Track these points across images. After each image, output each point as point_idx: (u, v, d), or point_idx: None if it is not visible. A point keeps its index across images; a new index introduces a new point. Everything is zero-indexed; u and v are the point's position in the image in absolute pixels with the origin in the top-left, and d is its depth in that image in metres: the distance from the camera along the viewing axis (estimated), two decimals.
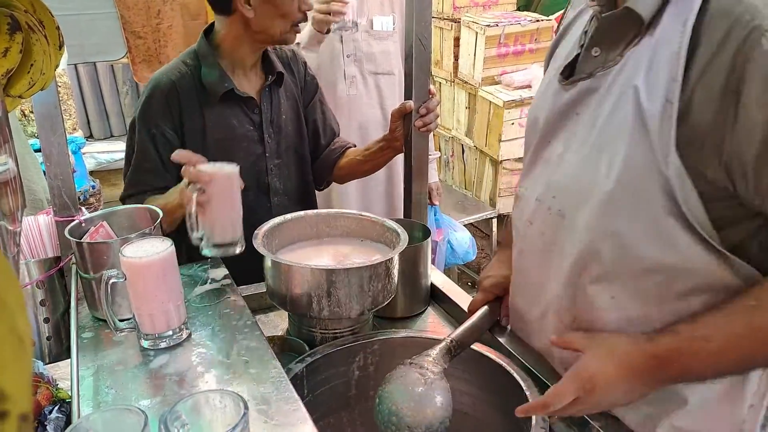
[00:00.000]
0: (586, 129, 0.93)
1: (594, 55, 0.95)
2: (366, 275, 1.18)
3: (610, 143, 0.88)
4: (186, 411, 0.76)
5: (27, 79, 0.90)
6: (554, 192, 0.99)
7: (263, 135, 1.64)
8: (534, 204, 1.03)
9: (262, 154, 1.64)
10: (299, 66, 1.76)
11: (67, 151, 1.38)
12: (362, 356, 1.19)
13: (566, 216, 0.97)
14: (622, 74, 0.89)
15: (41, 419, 1.10)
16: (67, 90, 4.87)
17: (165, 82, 1.56)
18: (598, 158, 0.90)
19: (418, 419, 0.95)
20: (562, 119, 0.99)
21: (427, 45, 1.50)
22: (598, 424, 1.00)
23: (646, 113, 0.83)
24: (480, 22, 3.44)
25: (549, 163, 1.01)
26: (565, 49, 1.05)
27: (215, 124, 1.57)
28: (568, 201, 0.96)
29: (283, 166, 1.69)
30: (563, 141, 0.99)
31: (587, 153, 0.92)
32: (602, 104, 0.91)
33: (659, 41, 0.84)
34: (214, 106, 1.57)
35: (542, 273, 1.04)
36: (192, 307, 1.18)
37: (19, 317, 0.26)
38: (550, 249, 1.01)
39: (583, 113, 0.95)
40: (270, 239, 1.31)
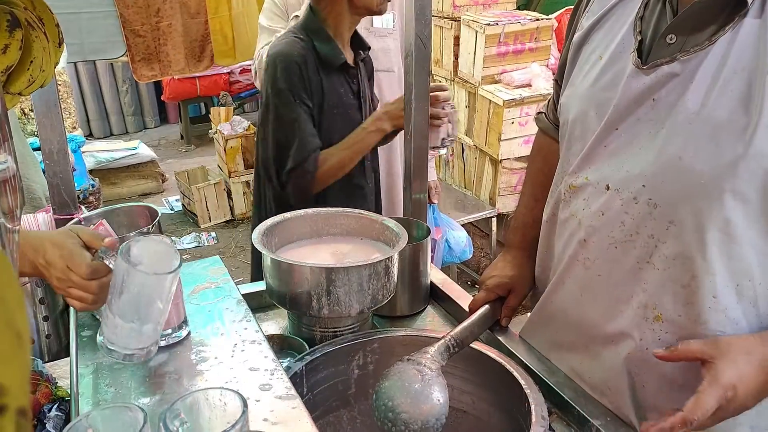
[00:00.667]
0: (679, 117, 0.89)
1: (669, 42, 0.91)
2: (365, 274, 1.18)
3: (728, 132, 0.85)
4: (185, 409, 0.75)
5: (26, 76, 0.90)
6: (642, 181, 0.94)
7: (361, 103, 1.81)
8: (607, 194, 0.99)
9: (360, 121, 1.78)
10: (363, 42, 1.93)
11: (66, 149, 1.38)
12: (362, 355, 1.19)
13: (660, 206, 0.92)
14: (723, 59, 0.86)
15: (40, 417, 1.10)
16: (66, 88, 4.87)
17: (296, 55, 1.67)
18: (713, 148, 0.86)
19: (414, 415, 0.94)
20: (635, 105, 0.95)
21: (426, 43, 1.49)
22: (597, 422, 1.00)
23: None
24: (480, 21, 3.44)
25: (620, 151, 0.97)
26: (610, 38, 1.01)
27: (329, 94, 1.71)
28: (665, 191, 0.92)
29: None
30: (636, 128, 0.95)
31: (695, 143, 0.88)
32: (704, 92, 0.87)
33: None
34: (327, 76, 1.70)
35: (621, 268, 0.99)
36: (191, 306, 1.18)
37: (17, 313, 0.25)
38: (633, 240, 0.96)
39: (665, 100, 0.91)
40: (269, 237, 1.31)
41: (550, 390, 1.08)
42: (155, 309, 0.92)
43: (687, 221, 0.90)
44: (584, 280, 1.05)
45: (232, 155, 4.89)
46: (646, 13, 0.97)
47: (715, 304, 0.91)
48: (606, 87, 0.99)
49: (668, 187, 0.91)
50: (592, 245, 1.03)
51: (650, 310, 0.96)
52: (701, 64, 0.87)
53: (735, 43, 0.85)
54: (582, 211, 1.04)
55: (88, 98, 6.88)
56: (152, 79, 4.12)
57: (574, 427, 1.05)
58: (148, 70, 3.93)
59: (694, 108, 0.88)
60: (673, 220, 0.91)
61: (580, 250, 1.05)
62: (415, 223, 1.51)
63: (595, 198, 1.01)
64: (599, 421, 1.00)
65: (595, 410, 1.03)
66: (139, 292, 0.90)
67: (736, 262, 0.89)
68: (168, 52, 3.90)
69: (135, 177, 5.50)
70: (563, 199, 1.09)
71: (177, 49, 3.91)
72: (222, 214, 4.98)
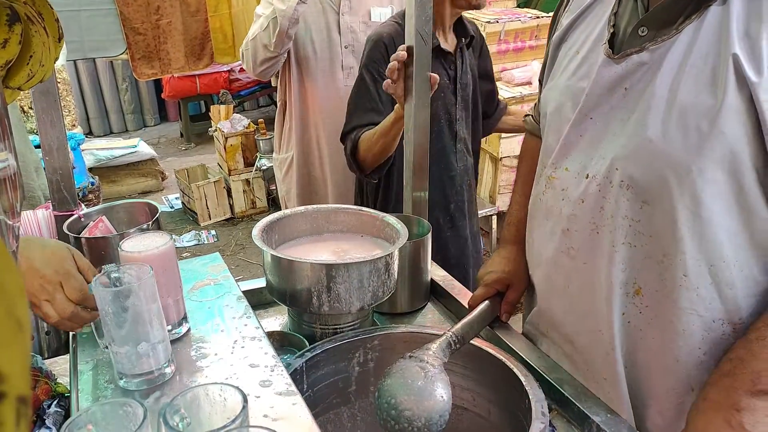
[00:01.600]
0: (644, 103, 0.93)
1: (641, 34, 0.95)
2: (366, 270, 1.18)
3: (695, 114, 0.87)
4: (185, 404, 0.75)
5: (26, 70, 0.89)
6: (616, 164, 0.97)
7: (456, 87, 1.90)
8: (586, 182, 1.02)
9: (454, 104, 1.90)
10: (478, 36, 2.03)
11: (66, 146, 1.38)
12: (362, 352, 1.19)
13: (632, 187, 0.96)
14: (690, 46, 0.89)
15: (40, 413, 1.10)
16: (66, 86, 4.86)
17: (386, 35, 1.84)
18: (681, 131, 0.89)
19: (418, 412, 0.94)
20: (608, 94, 0.98)
21: (427, 40, 1.49)
22: (598, 419, 1.00)
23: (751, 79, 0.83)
24: (480, 19, 3.43)
25: (595, 139, 1.00)
26: (587, 34, 1.05)
27: None
28: (637, 173, 0.95)
29: (466, 118, 1.97)
30: (609, 115, 0.98)
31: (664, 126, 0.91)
32: (672, 78, 0.90)
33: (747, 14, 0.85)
34: None
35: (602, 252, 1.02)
36: (191, 302, 1.18)
37: (18, 302, 0.25)
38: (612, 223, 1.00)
39: (636, 88, 0.95)
40: (270, 234, 1.31)
41: (550, 386, 1.08)
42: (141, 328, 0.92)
43: (658, 201, 0.93)
44: (570, 270, 1.08)
45: (232, 153, 4.88)
46: (620, 9, 1.01)
47: (686, 283, 0.93)
48: (581, 78, 1.03)
49: (640, 168, 0.94)
50: (575, 234, 1.05)
51: (630, 285, 1.00)
52: (668, 52, 0.91)
53: (701, 30, 0.89)
54: (562, 201, 1.07)
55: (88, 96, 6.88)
56: (152, 77, 4.12)
57: (574, 424, 1.05)
58: (148, 68, 3.92)
59: (662, 93, 0.91)
60: (646, 199, 0.95)
61: (564, 239, 1.07)
62: (415, 219, 1.51)
63: (575, 187, 1.04)
64: (600, 418, 1.00)
65: (595, 407, 1.03)
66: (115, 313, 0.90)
67: (707, 243, 0.91)
68: (168, 50, 3.89)
69: (135, 175, 5.50)
70: (544, 191, 1.12)
71: (177, 47, 3.91)
72: (222, 212, 4.98)
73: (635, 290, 0.99)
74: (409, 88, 1.54)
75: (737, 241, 0.90)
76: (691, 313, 0.94)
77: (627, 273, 0.99)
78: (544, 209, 1.12)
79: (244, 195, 5.01)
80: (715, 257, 0.91)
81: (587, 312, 1.06)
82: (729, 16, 0.86)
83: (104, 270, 0.94)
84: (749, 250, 0.90)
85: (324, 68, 2.35)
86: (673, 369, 0.99)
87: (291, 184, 2.58)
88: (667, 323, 0.97)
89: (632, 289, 0.99)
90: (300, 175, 2.52)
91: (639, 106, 0.94)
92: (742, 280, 0.92)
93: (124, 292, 0.90)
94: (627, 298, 1.00)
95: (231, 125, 4.93)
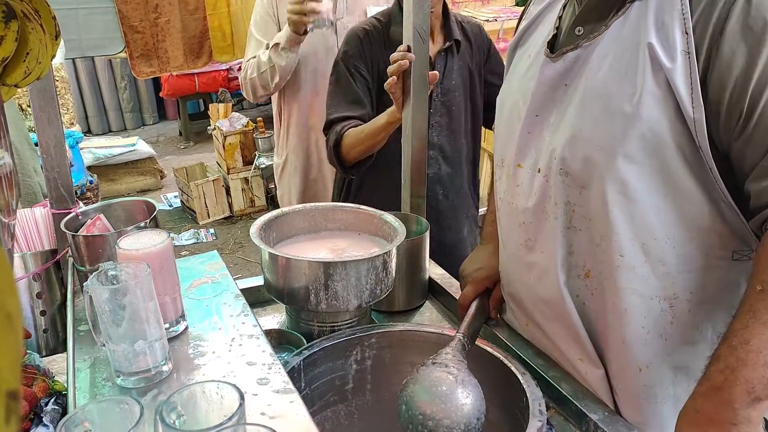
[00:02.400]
0: (579, 96, 0.98)
1: (577, 34, 1.01)
2: (364, 268, 1.18)
3: (616, 101, 0.93)
4: (182, 402, 0.75)
5: (23, 68, 0.89)
6: (557, 155, 1.01)
7: (432, 92, 1.77)
8: (538, 175, 1.06)
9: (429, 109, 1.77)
10: (483, 42, 1.95)
11: (63, 143, 1.37)
12: (360, 350, 1.19)
13: (570, 174, 1.00)
14: (614, 40, 0.95)
15: (37, 411, 1.09)
16: (65, 84, 4.86)
17: (359, 30, 1.82)
18: (604, 118, 0.94)
19: (456, 419, 0.93)
20: (551, 92, 1.03)
21: (425, 38, 1.49)
22: (595, 417, 1.00)
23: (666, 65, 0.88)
24: (479, 17, 3.43)
25: (543, 135, 1.05)
26: (538, 37, 1.11)
27: None
28: (573, 161, 0.99)
29: (444, 125, 1.87)
30: (554, 112, 1.03)
31: (591, 116, 0.96)
32: (597, 69, 0.96)
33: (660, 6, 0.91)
34: None
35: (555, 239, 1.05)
36: (189, 300, 1.18)
37: (7, 296, 0.25)
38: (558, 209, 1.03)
39: (573, 83, 1.00)
40: (267, 232, 1.30)
41: (548, 384, 1.08)
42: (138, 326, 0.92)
43: (592, 185, 0.97)
44: (531, 262, 1.10)
45: (231, 152, 4.88)
46: (564, 12, 1.07)
47: (623, 262, 0.97)
48: (530, 78, 1.08)
49: (576, 157, 0.99)
50: (530, 226, 1.09)
51: (581, 268, 1.04)
52: (597, 47, 0.97)
53: (625, 24, 0.94)
54: (518, 196, 1.11)
55: (87, 95, 6.87)
56: (151, 76, 4.11)
57: (571, 422, 1.05)
58: (147, 67, 3.92)
59: (590, 84, 0.97)
60: (583, 185, 0.99)
61: (522, 233, 1.11)
62: (414, 218, 1.51)
63: (528, 182, 1.08)
64: (597, 416, 1.00)
65: (592, 405, 1.03)
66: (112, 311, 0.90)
67: (637, 222, 0.95)
68: (166, 49, 3.89)
69: (133, 173, 5.49)
70: (505, 189, 1.15)
71: (175, 46, 3.91)
72: (220, 210, 4.98)
73: (585, 273, 1.03)
74: (407, 89, 1.54)
75: (667, 219, 0.94)
76: (631, 292, 0.98)
77: (575, 257, 1.03)
78: (505, 206, 1.16)
79: (243, 193, 5.01)
80: (646, 236, 0.95)
81: (549, 300, 1.09)
82: (647, 9, 0.92)
83: (101, 268, 0.93)
84: (681, 228, 0.94)
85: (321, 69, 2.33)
86: (621, 350, 1.02)
87: (285, 187, 2.57)
88: (611, 304, 1.01)
89: (582, 272, 1.03)
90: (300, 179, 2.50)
91: (574, 99, 0.99)
92: (675, 257, 0.95)
93: (121, 290, 0.90)
94: (579, 281, 1.04)
95: (230, 124, 4.92)
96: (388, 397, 1.22)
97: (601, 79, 0.95)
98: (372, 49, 1.80)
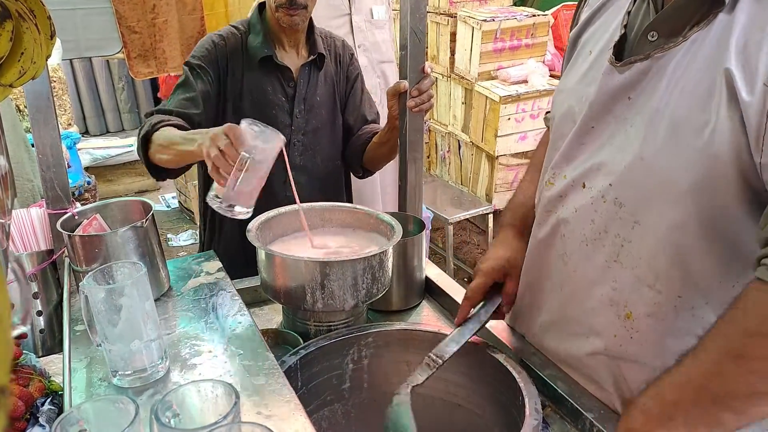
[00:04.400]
0: (646, 115, 0.89)
1: (651, 39, 0.90)
2: (360, 268, 1.18)
3: (687, 131, 0.83)
4: (177, 401, 0.75)
5: (17, 67, 0.89)
6: (610, 180, 0.94)
7: (293, 108, 1.72)
8: (582, 192, 0.99)
9: (288, 125, 1.71)
10: (346, 56, 1.84)
11: (59, 144, 1.37)
12: (356, 349, 1.19)
13: (625, 206, 0.92)
14: (692, 56, 0.84)
15: (33, 411, 1.09)
16: (62, 85, 4.85)
17: (215, 36, 1.71)
18: (672, 148, 0.85)
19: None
20: (611, 102, 0.94)
21: (421, 37, 1.49)
22: (591, 415, 1.00)
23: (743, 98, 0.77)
24: (476, 17, 3.44)
25: (596, 150, 0.97)
26: (602, 32, 1.01)
27: (252, 87, 1.68)
28: (629, 191, 0.92)
29: (308, 144, 1.75)
30: (612, 126, 0.94)
31: (658, 142, 0.87)
32: (670, 88, 0.86)
33: (750, 24, 0.79)
34: (254, 70, 1.68)
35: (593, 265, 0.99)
36: (186, 300, 1.18)
37: None
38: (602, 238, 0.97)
39: (639, 99, 0.90)
40: (264, 232, 1.30)
41: (544, 383, 1.08)
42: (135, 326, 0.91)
43: (649, 221, 0.90)
44: (563, 275, 1.06)
45: None
46: (634, 8, 0.96)
47: (682, 303, 0.90)
48: (589, 83, 0.99)
49: (632, 186, 0.91)
50: (568, 241, 1.03)
51: (622, 307, 0.96)
52: (671, 62, 0.86)
53: (706, 39, 0.83)
54: (561, 207, 1.05)
55: (84, 95, 6.86)
56: (149, 76, 4.10)
57: (567, 420, 1.05)
58: (145, 67, 3.91)
59: (657, 105, 0.87)
60: (638, 220, 0.91)
61: (560, 244, 1.05)
62: (410, 217, 1.51)
63: (572, 195, 1.02)
64: (593, 414, 1.00)
65: (588, 403, 1.03)
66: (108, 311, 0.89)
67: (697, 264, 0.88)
68: (164, 49, 3.88)
69: (131, 174, 5.48)
70: (545, 193, 1.09)
71: (173, 46, 3.90)
72: None
73: (626, 314, 0.96)
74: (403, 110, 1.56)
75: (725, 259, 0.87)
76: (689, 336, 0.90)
77: (618, 293, 0.96)
78: (544, 209, 1.10)
79: None
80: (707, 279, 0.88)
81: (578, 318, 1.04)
82: (732, 27, 0.80)
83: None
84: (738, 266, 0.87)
85: None
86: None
87: None
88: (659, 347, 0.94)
89: (623, 311, 0.96)
90: None
91: (638, 118, 0.90)
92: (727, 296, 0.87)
93: (117, 290, 0.90)
94: (618, 321, 0.96)
95: None
96: (385, 397, 1.22)
97: (670, 102, 0.85)
98: (227, 57, 1.68)
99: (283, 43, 1.72)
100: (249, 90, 1.68)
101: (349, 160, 1.87)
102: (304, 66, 1.72)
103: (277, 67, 1.69)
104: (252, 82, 1.68)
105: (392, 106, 1.61)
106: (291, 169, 1.60)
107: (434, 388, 1.18)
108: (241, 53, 1.69)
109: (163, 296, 1.20)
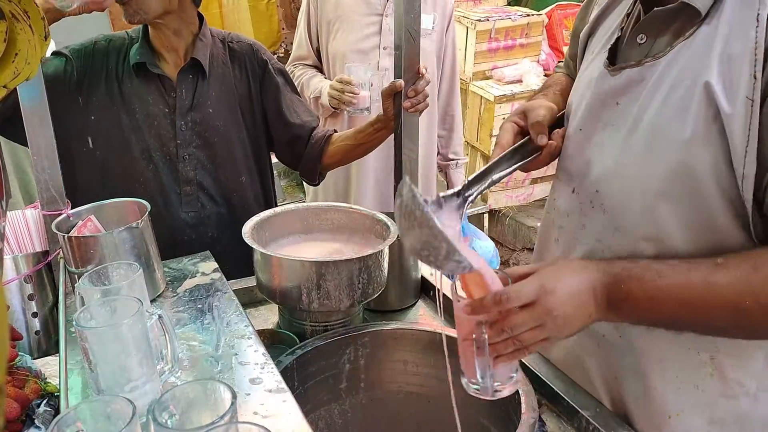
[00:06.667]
0: (629, 123, 0.89)
1: (639, 42, 0.90)
2: (356, 267, 1.18)
3: (664, 141, 0.84)
4: (174, 401, 0.75)
5: (12, 68, 0.89)
6: (596, 186, 0.94)
7: (176, 120, 1.59)
8: (572, 196, 1.00)
9: (172, 138, 1.59)
10: (255, 63, 1.69)
11: (54, 145, 1.37)
12: (353, 349, 1.19)
13: (607, 211, 0.93)
14: (674, 67, 0.84)
15: (29, 413, 1.09)
16: None
17: (101, 37, 1.64)
18: (648, 157, 0.86)
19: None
20: (601, 108, 0.94)
21: (416, 37, 1.49)
22: (587, 413, 1.01)
23: (725, 110, 0.77)
24: (471, 17, 3.44)
25: (585, 156, 0.97)
26: (603, 33, 1.01)
27: (131, 95, 1.59)
28: (610, 198, 0.92)
29: (202, 158, 1.62)
30: (599, 133, 0.94)
31: (635, 150, 0.87)
32: (651, 98, 0.86)
33: (731, 36, 0.79)
34: (134, 78, 1.59)
35: None
36: (182, 300, 1.18)
37: None
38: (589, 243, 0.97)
39: (625, 105, 0.90)
40: (260, 232, 1.30)
41: (540, 381, 1.09)
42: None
43: (627, 228, 0.90)
44: None
45: None
46: (633, 9, 0.96)
47: None
48: (587, 85, 0.98)
49: (614, 193, 0.91)
50: (561, 245, 1.04)
51: None
52: (657, 71, 0.86)
53: (689, 51, 0.83)
54: (554, 210, 1.05)
55: None
56: None
57: (563, 418, 1.05)
58: None
59: (639, 115, 0.87)
60: (617, 226, 0.92)
61: (555, 248, 1.06)
62: None
63: (564, 199, 1.02)
64: (589, 413, 1.01)
65: (584, 401, 1.03)
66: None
67: None
68: None
69: None
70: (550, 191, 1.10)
71: None
72: None
73: None
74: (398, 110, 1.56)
75: None
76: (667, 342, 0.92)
77: None
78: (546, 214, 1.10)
79: None
80: None
81: None
82: (714, 39, 0.80)
83: None
84: None
85: None
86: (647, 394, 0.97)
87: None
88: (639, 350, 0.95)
89: None
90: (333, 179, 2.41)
91: (624, 125, 0.90)
92: None
93: (113, 291, 0.90)
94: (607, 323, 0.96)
95: None
96: (382, 396, 1.23)
97: (651, 112, 0.85)
98: (107, 59, 1.60)
99: (167, 49, 1.60)
100: (128, 98, 1.58)
101: (305, 170, 1.79)
102: (180, 73, 1.58)
103: (157, 75, 1.58)
104: (130, 90, 1.58)
105: (387, 106, 1.61)
106: (185, 184, 1.60)
107: (429, 385, 1.18)
108: (124, 59, 1.60)
109: (159, 297, 1.20)
